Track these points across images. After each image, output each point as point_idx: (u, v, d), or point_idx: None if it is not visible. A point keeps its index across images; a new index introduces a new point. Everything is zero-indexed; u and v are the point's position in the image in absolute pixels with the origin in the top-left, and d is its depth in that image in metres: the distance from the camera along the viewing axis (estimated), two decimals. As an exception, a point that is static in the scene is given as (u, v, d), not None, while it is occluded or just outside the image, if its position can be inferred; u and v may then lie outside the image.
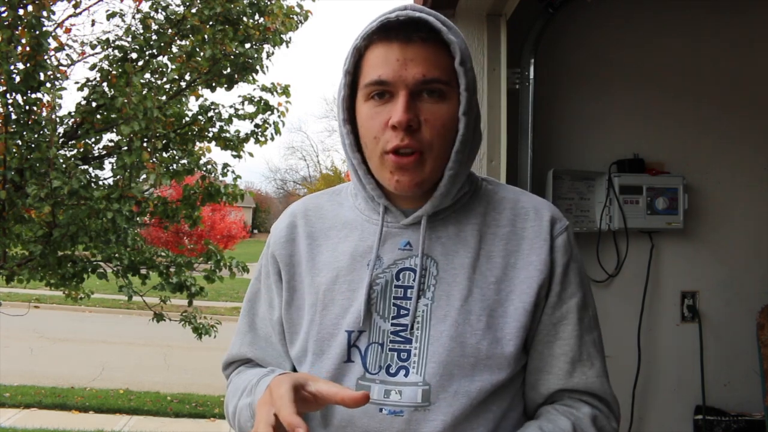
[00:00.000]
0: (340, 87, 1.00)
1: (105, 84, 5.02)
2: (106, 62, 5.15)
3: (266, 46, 5.52)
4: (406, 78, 0.92)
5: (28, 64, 4.32)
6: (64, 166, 4.57)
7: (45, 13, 4.46)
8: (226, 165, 5.54)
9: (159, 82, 5.25)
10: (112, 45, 5.22)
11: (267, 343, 1.09)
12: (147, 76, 5.05)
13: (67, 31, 5.26)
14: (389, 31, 0.93)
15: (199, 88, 5.46)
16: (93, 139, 5.12)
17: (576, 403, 1.01)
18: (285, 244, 1.07)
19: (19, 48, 4.34)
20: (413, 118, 0.92)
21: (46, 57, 4.46)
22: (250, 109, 5.59)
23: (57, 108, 4.63)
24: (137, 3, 5.18)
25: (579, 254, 1.05)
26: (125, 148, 4.63)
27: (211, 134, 5.55)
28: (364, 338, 0.96)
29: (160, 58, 5.26)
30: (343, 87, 0.98)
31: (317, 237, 1.05)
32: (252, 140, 5.66)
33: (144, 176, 4.77)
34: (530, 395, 1.03)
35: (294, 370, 1.07)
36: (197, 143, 5.54)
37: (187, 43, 5.29)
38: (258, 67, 5.44)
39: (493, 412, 0.96)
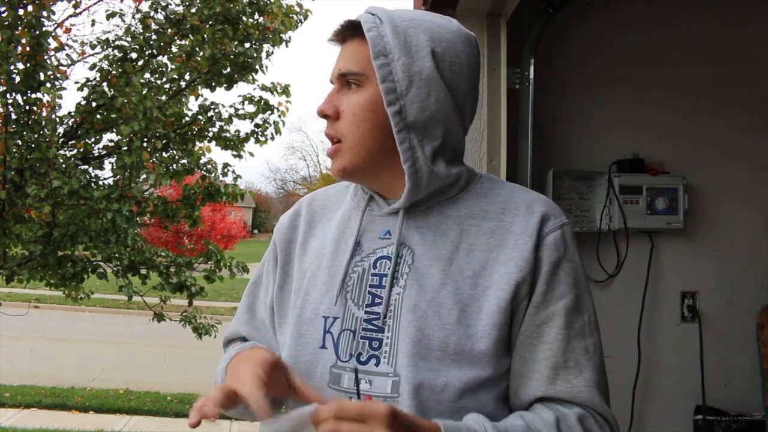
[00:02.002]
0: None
1: (105, 84, 5.01)
2: (106, 62, 5.15)
3: (266, 46, 5.51)
4: (333, 74, 0.99)
5: (28, 64, 4.32)
6: (64, 166, 4.57)
7: (45, 13, 4.46)
8: (226, 165, 5.54)
9: (159, 81, 5.25)
10: (112, 45, 5.22)
11: (263, 326, 1.12)
12: (147, 75, 5.05)
13: (67, 31, 5.27)
14: (339, 33, 1.01)
15: (199, 87, 5.46)
16: (93, 139, 5.12)
17: (562, 405, 0.94)
18: (286, 231, 1.11)
19: (19, 48, 4.34)
20: (327, 107, 0.98)
21: (46, 57, 4.46)
22: (250, 108, 5.59)
23: (57, 108, 4.63)
24: (137, 3, 5.18)
25: (576, 254, 1.00)
26: (125, 148, 4.63)
27: (211, 134, 5.55)
28: (337, 325, 0.96)
29: (159, 57, 5.26)
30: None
31: (315, 225, 1.09)
32: (252, 140, 5.65)
33: (144, 176, 4.77)
34: (513, 402, 0.97)
35: None
36: (197, 143, 5.54)
37: (187, 42, 5.29)
38: (258, 67, 5.44)
39: (469, 412, 0.90)
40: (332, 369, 0.95)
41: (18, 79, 4.31)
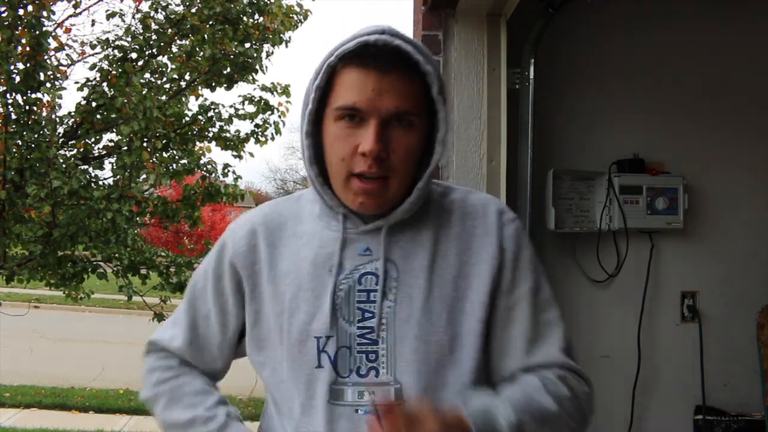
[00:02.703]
0: (308, 99, 1.00)
1: (105, 84, 5.02)
2: (106, 62, 5.16)
3: (266, 46, 5.51)
4: (380, 108, 0.94)
5: (28, 64, 4.33)
6: (64, 166, 4.58)
7: (45, 13, 4.47)
8: (226, 165, 5.54)
9: (159, 81, 5.25)
10: (112, 45, 5.23)
11: (204, 344, 1.12)
12: (147, 75, 5.06)
13: (67, 31, 5.27)
14: (366, 56, 0.95)
15: (199, 87, 5.46)
16: (93, 139, 5.12)
17: (542, 370, 1.03)
18: (246, 253, 1.07)
19: (19, 48, 4.34)
20: (383, 147, 0.95)
21: (46, 57, 4.46)
22: (250, 108, 5.59)
23: (57, 108, 4.64)
24: (137, 3, 5.18)
25: (529, 242, 1.09)
26: (125, 148, 4.63)
27: (211, 134, 5.55)
28: (332, 343, 0.99)
29: (159, 57, 5.27)
30: (312, 101, 0.99)
31: (277, 245, 1.06)
32: (252, 140, 5.65)
33: (144, 176, 4.77)
34: (495, 379, 1.05)
35: (226, 371, 1.15)
36: (197, 143, 5.54)
37: (187, 42, 5.29)
38: (258, 67, 5.44)
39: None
40: (332, 386, 0.99)
41: (18, 79, 4.31)
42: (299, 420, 1.01)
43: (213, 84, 5.44)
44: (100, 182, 5.10)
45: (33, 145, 4.49)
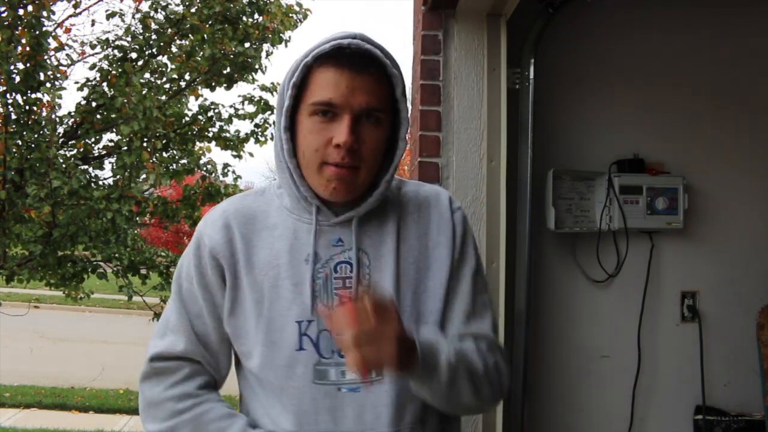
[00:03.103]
0: (284, 96, 1.08)
1: (105, 84, 5.02)
2: (106, 62, 5.16)
3: (265, 46, 5.52)
4: (352, 104, 1.04)
5: (28, 64, 4.33)
6: (64, 166, 4.58)
7: (45, 13, 4.47)
8: (226, 165, 5.55)
9: (159, 81, 5.25)
10: (112, 45, 5.23)
11: (205, 341, 1.15)
12: (147, 75, 5.06)
13: (67, 31, 5.27)
14: (341, 57, 1.04)
15: (199, 87, 5.46)
16: (93, 139, 5.13)
17: (475, 339, 1.15)
18: (225, 245, 1.12)
19: (19, 48, 4.35)
20: (356, 140, 1.04)
21: (46, 57, 4.46)
22: (250, 108, 5.59)
23: (57, 108, 4.64)
24: (137, 3, 5.18)
25: (471, 227, 1.23)
26: (125, 148, 4.63)
27: (211, 134, 5.56)
28: (313, 327, 1.07)
29: (159, 57, 5.27)
30: (289, 98, 1.07)
31: (251, 238, 1.12)
32: (252, 140, 5.66)
33: (144, 176, 4.77)
34: None
35: (230, 364, 1.18)
36: (197, 143, 5.54)
37: (187, 42, 5.29)
38: (257, 67, 5.44)
39: None
40: (316, 367, 1.07)
41: (18, 79, 4.32)
42: (282, 402, 1.08)
43: (213, 84, 5.45)
44: (100, 182, 5.10)
45: (33, 145, 4.49)
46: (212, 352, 1.15)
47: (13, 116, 4.43)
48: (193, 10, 5.11)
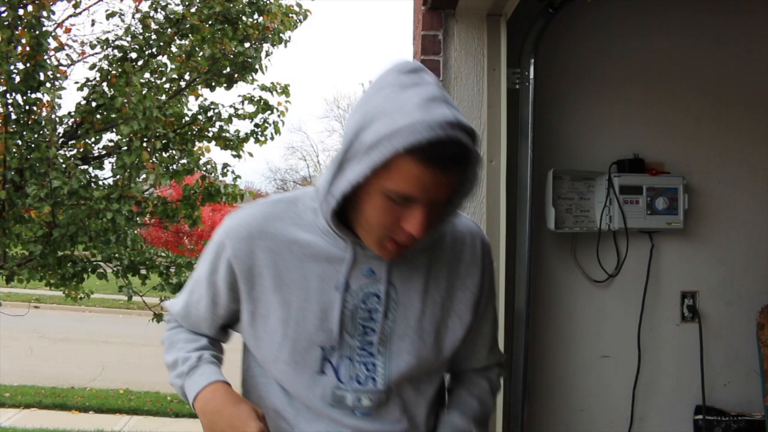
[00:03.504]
0: (362, 167, 0.95)
1: (105, 84, 5.02)
2: (106, 62, 5.16)
3: (265, 46, 5.52)
4: (432, 198, 0.98)
5: (28, 64, 4.33)
6: (64, 166, 4.58)
7: (45, 13, 4.47)
8: (226, 165, 5.54)
9: (159, 81, 5.25)
10: (112, 45, 5.23)
11: (195, 321, 1.22)
12: (147, 75, 5.06)
13: (67, 31, 5.27)
14: (433, 154, 0.92)
15: (199, 87, 5.46)
16: (93, 139, 5.12)
17: (481, 379, 1.28)
18: (244, 258, 1.10)
19: (19, 48, 4.34)
20: (426, 228, 1.00)
21: (46, 57, 4.46)
22: (249, 108, 5.59)
23: (57, 108, 4.64)
24: (137, 3, 5.18)
25: (492, 261, 1.24)
26: (125, 148, 4.63)
27: (211, 134, 5.56)
28: (335, 353, 1.10)
29: (159, 57, 5.27)
30: (363, 177, 0.95)
31: (280, 251, 1.10)
32: (252, 140, 5.66)
33: (144, 176, 4.77)
34: (453, 369, 1.29)
35: (219, 339, 1.25)
36: (197, 143, 5.54)
37: (187, 42, 5.29)
38: (257, 67, 5.44)
39: (430, 394, 1.18)
40: (335, 391, 1.10)
41: (18, 79, 4.31)
42: (299, 424, 1.12)
43: (212, 84, 5.45)
44: (100, 182, 5.10)
45: (33, 145, 4.49)
46: (200, 330, 1.23)
47: (13, 116, 4.43)
48: (193, 9, 5.11)
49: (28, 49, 4.32)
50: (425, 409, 1.17)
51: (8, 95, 4.34)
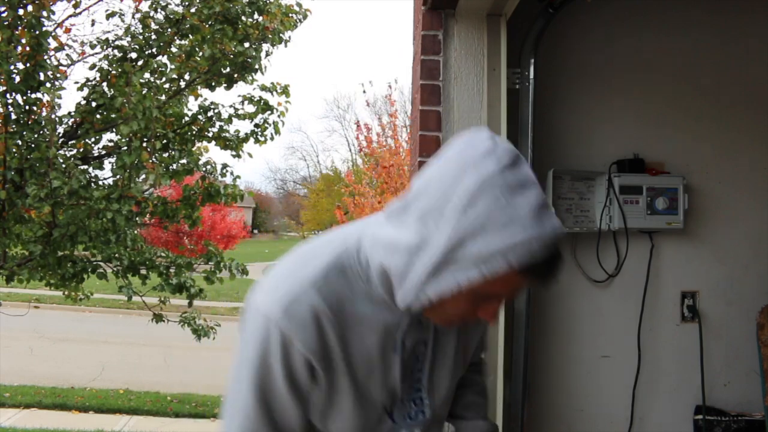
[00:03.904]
0: (470, 275, 0.91)
1: (105, 84, 5.02)
2: (106, 62, 5.16)
3: (265, 46, 5.51)
4: (513, 296, 1.18)
5: (28, 64, 4.32)
6: (63, 166, 4.58)
7: (45, 13, 4.46)
8: (225, 165, 5.53)
9: (158, 81, 5.25)
10: (112, 45, 5.23)
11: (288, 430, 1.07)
12: (146, 75, 5.05)
13: (67, 31, 5.27)
14: (536, 270, 0.91)
15: (199, 87, 5.46)
16: (93, 139, 5.12)
17: (476, 374, 1.40)
18: (320, 349, 1.02)
19: (19, 48, 4.34)
20: None
21: (46, 57, 4.46)
22: (249, 108, 5.59)
23: (56, 108, 4.63)
24: (137, 2, 5.18)
25: None
26: (125, 148, 4.63)
27: (210, 134, 5.56)
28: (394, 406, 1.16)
29: (159, 57, 5.26)
30: (479, 280, 0.91)
31: (344, 332, 1.04)
32: (252, 140, 5.65)
33: (143, 176, 4.77)
34: None
35: None
36: (196, 143, 5.54)
37: (187, 42, 5.29)
38: (257, 67, 5.44)
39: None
40: (393, 428, 1.16)
41: (18, 79, 4.31)
42: None
43: (212, 84, 5.44)
44: (100, 182, 5.10)
45: (33, 145, 4.49)
46: None
47: (13, 116, 4.42)
48: (192, 9, 5.11)
49: (28, 49, 4.32)
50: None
51: (8, 95, 4.34)
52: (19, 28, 4.29)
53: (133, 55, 5.17)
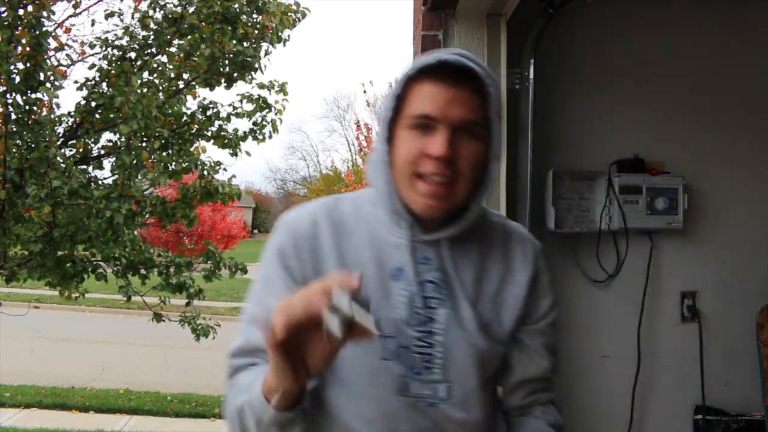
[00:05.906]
0: (387, 108, 1.08)
1: (104, 84, 5.02)
2: (105, 62, 5.16)
3: (264, 45, 5.51)
4: (450, 116, 1.03)
5: (28, 64, 4.32)
6: (63, 166, 4.58)
7: (45, 13, 4.47)
8: (218, 163, 5.48)
9: (158, 81, 5.25)
10: (111, 45, 5.23)
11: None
12: (146, 75, 5.05)
13: (67, 31, 5.27)
14: (440, 71, 1.03)
15: (198, 87, 5.46)
16: (92, 139, 5.12)
17: (548, 406, 1.31)
18: (308, 239, 1.11)
19: (19, 48, 4.34)
20: (453, 151, 1.03)
21: (46, 57, 4.46)
22: (248, 107, 5.59)
23: (56, 108, 4.64)
24: (136, 2, 5.18)
25: (546, 266, 1.22)
26: (124, 147, 4.63)
27: (209, 133, 5.55)
28: (392, 342, 1.08)
29: (158, 57, 5.26)
30: (389, 110, 1.07)
31: (341, 241, 1.11)
32: (250, 138, 5.65)
33: (142, 176, 4.77)
34: (504, 383, 1.22)
35: None
36: (195, 142, 5.54)
37: (186, 42, 5.29)
38: (257, 66, 5.44)
39: (489, 395, 1.16)
40: (400, 378, 1.08)
41: (18, 79, 4.31)
42: (363, 403, 1.08)
43: (212, 83, 5.44)
44: (100, 182, 5.10)
45: (33, 145, 4.49)
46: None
47: (13, 116, 4.43)
48: (191, 9, 5.11)
49: (28, 49, 4.32)
50: (486, 400, 1.14)
51: (8, 95, 4.34)
52: (19, 28, 4.29)
53: (133, 54, 5.18)
